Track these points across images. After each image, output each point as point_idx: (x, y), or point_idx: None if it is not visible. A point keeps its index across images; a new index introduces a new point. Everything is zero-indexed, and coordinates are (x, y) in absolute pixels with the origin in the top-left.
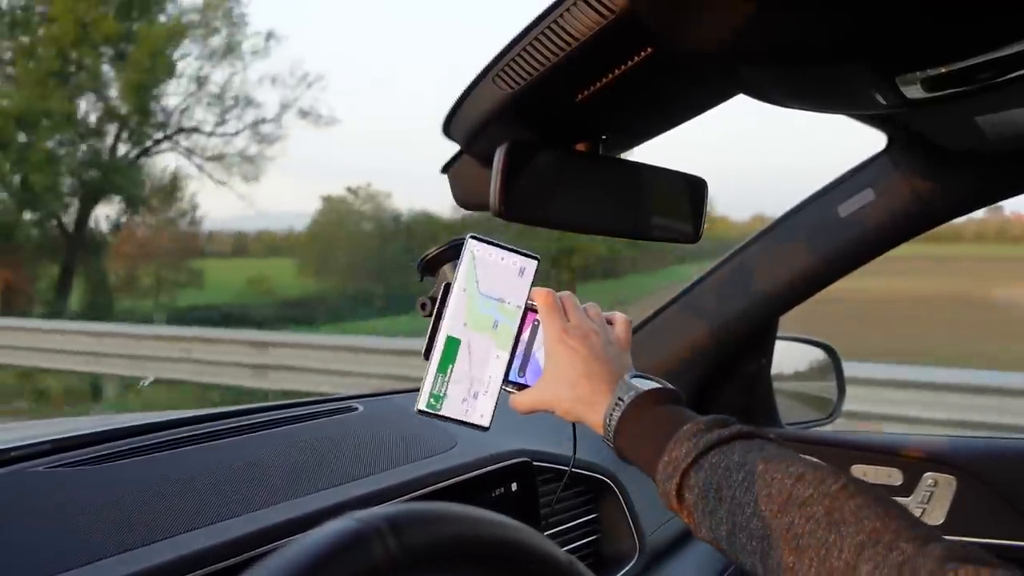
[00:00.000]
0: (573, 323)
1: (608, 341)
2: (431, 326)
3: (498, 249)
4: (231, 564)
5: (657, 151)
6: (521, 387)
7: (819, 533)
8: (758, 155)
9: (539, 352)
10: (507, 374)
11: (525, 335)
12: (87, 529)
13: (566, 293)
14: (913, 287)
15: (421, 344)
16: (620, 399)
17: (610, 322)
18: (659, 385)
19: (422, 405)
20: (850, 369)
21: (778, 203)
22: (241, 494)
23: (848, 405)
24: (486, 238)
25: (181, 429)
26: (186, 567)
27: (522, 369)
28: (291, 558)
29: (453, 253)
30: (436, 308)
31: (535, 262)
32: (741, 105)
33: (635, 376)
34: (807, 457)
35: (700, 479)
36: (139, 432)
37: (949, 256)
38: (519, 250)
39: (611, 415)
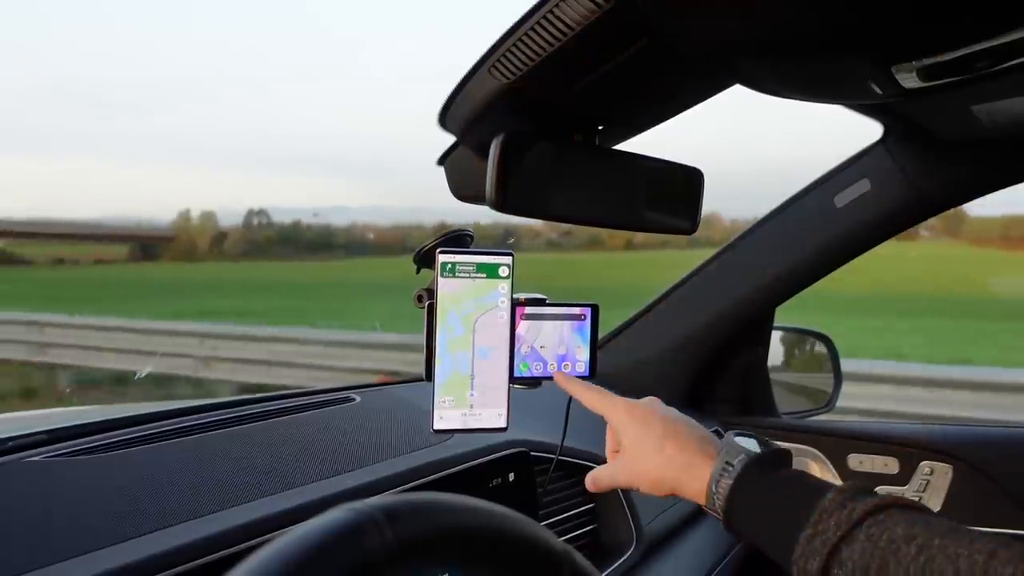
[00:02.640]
0: (630, 398)
1: (669, 408)
2: (426, 347)
3: (470, 255)
4: (227, 554)
5: (653, 142)
6: (528, 381)
7: None
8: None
9: (541, 344)
10: (511, 372)
11: (519, 329)
12: (84, 519)
13: (590, 387)
14: None
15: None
16: (728, 464)
17: None
18: (767, 447)
19: (437, 425)
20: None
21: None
22: (238, 484)
23: None
24: (454, 248)
25: (177, 420)
26: (183, 557)
27: (526, 364)
28: (286, 548)
29: (450, 245)
30: (426, 328)
31: (510, 257)
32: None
33: (738, 435)
34: (985, 530)
35: (855, 553)
36: (135, 422)
37: None
38: (491, 250)
39: (717, 482)
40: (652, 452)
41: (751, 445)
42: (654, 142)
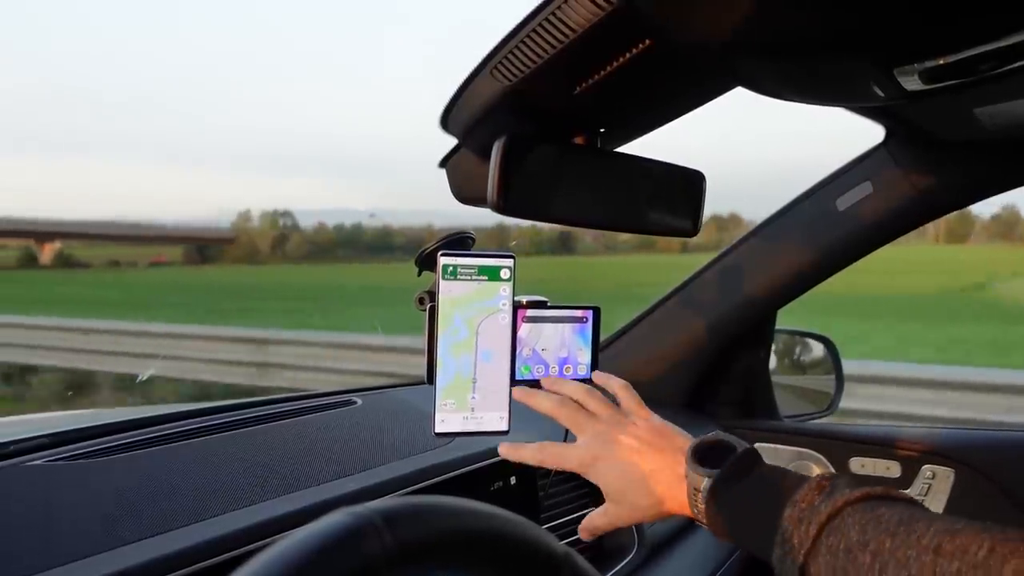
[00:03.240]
0: (587, 432)
1: (632, 422)
2: (427, 350)
3: (471, 258)
4: (227, 558)
5: (656, 144)
6: (530, 384)
7: None
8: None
9: (542, 347)
10: (512, 375)
11: (521, 332)
12: (86, 522)
13: (546, 401)
14: None
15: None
16: (696, 490)
17: (614, 398)
18: (727, 451)
19: (438, 428)
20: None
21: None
22: (238, 488)
23: None
24: (455, 251)
25: (179, 423)
26: (184, 560)
27: (528, 366)
28: (286, 552)
29: (452, 247)
30: (427, 331)
31: (512, 260)
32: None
33: (694, 452)
34: (933, 513)
35: (822, 566)
36: (137, 426)
37: None
38: (492, 252)
39: (695, 507)
40: (641, 494)
41: (714, 460)
42: (657, 144)
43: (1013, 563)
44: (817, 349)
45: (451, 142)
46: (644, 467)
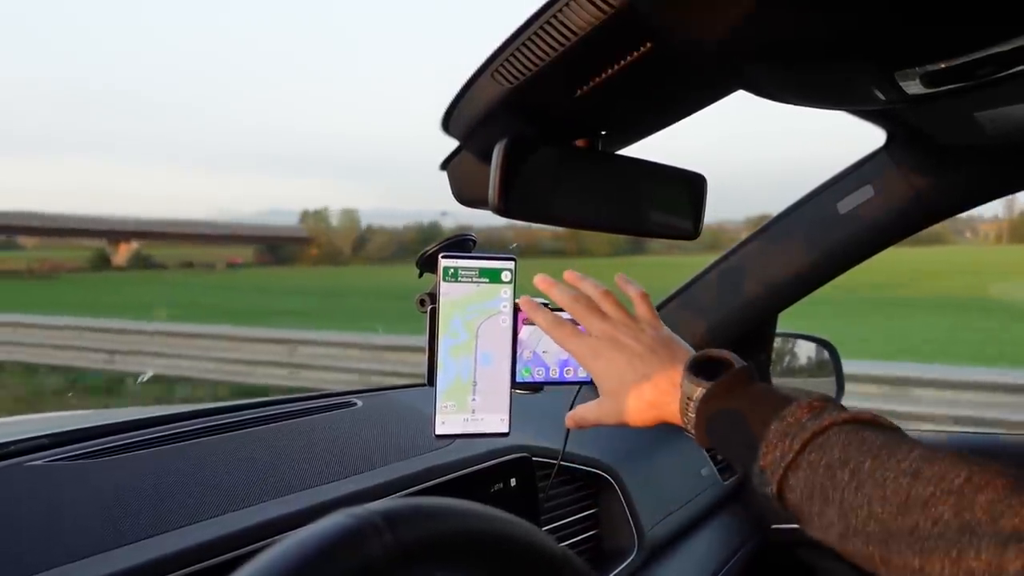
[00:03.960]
0: (596, 330)
1: (641, 329)
2: (427, 351)
3: (473, 260)
4: (227, 559)
5: (658, 147)
6: (530, 386)
7: (949, 535)
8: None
9: (543, 349)
10: (513, 377)
11: (522, 335)
12: (86, 522)
13: (563, 294)
14: None
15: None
16: (688, 399)
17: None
18: (725, 367)
19: (439, 430)
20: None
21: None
22: (239, 489)
23: None
24: (457, 252)
25: (180, 424)
26: (184, 561)
27: (528, 368)
28: (287, 553)
29: (453, 249)
30: (428, 333)
31: (512, 262)
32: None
33: (692, 363)
34: (916, 440)
35: (800, 481)
36: (137, 427)
37: None
38: (494, 255)
39: (685, 414)
40: (633, 396)
41: (711, 372)
42: (658, 146)
43: (988, 493)
44: (818, 352)
45: (452, 144)
46: (643, 371)
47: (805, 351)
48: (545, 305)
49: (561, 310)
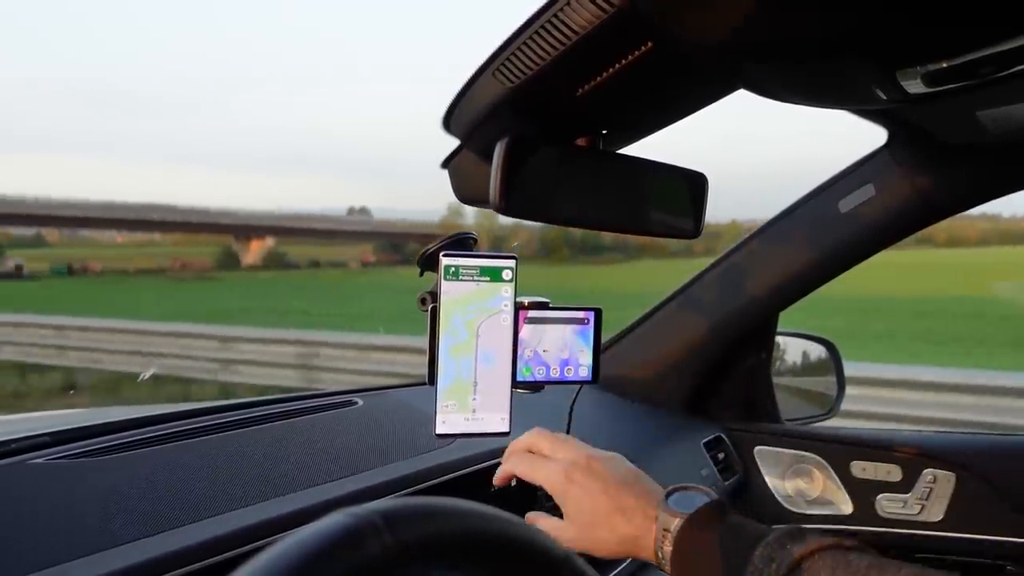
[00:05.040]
0: (569, 455)
1: (613, 459)
2: (428, 351)
3: (474, 259)
4: (227, 558)
5: (659, 146)
6: (531, 386)
7: None
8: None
9: (544, 348)
10: (514, 376)
11: (522, 333)
12: (87, 521)
13: (534, 433)
14: None
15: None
16: (666, 530)
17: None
18: (700, 501)
19: (439, 430)
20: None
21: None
22: (239, 488)
23: None
24: (458, 251)
25: (180, 423)
26: (183, 560)
27: (529, 368)
28: (286, 553)
29: (454, 247)
30: (429, 332)
31: (514, 261)
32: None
33: (668, 495)
34: (901, 563)
35: None
36: (137, 425)
37: None
38: (494, 254)
39: (660, 549)
40: (605, 530)
41: (687, 504)
42: (660, 145)
43: None
44: (819, 352)
45: (453, 143)
46: (618, 501)
47: (806, 350)
48: (544, 305)
49: (566, 308)
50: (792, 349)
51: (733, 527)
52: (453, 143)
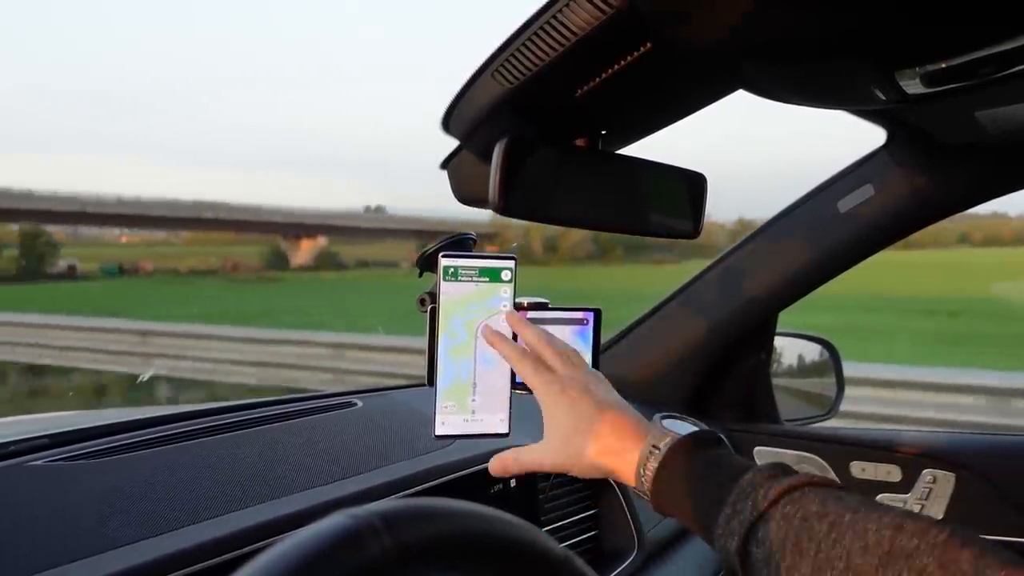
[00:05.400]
0: (566, 374)
1: (608, 386)
2: (427, 352)
3: (472, 259)
4: (226, 560)
5: (659, 146)
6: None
7: None
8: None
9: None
10: (513, 377)
11: None
12: (86, 523)
13: (534, 335)
14: None
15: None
16: (655, 446)
17: None
18: (695, 427)
19: (439, 431)
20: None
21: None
22: (239, 489)
23: None
24: (457, 252)
25: (179, 424)
26: (182, 562)
27: None
28: (285, 555)
29: (453, 248)
30: (428, 333)
31: (513, 261)
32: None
33: (666, 417)
34: (896, 506)
35: (770, 532)
36: (137, 427)
37: None
38: (493, 254)
39: (644, 464)
40: (590, 439)
41: (680, 428)
42: (659, 146)
43: (972, 548)
44: (818, 352)
45: (453, 143)
46: (609, 416)
47: (805, 351)
48: (543, 306)
49: (565, 309)
50: (791, 349)
51: (724, 455)
52: (452, 143)
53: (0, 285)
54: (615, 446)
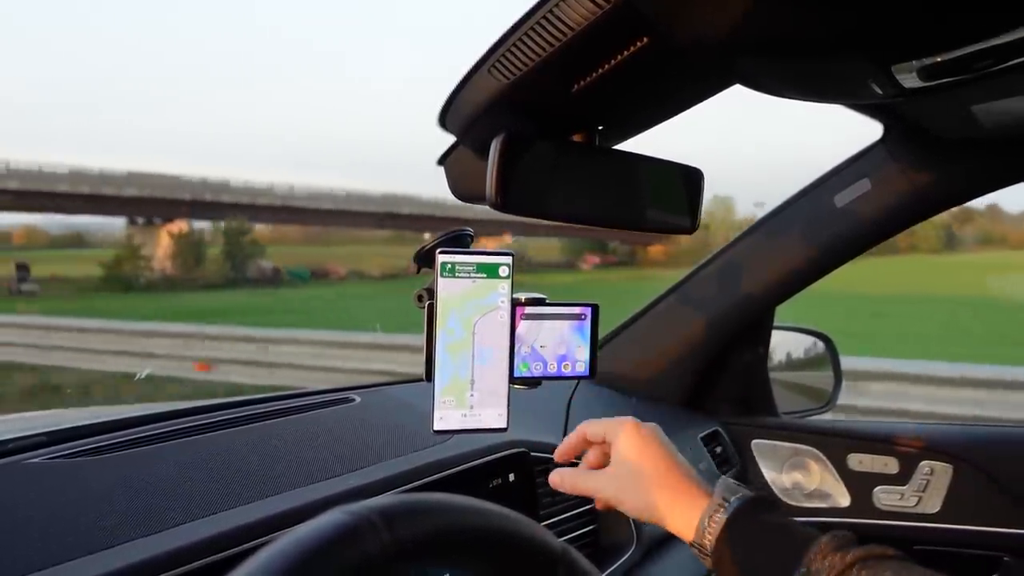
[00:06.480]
0: (647, 431)
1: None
2: (426, 347)
3: (470, 255)
4: (224, 556)
5: (654, 141)
6: (528, 382)
7: None
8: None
9: (541, 344)
10: (511, 372)
11: (519, 330)
12: (84, 520)
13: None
14: None
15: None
16: (725, 500)
17: None
18: (748, 490)
19: (437, 426)
20: None
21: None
22: (237, 485)
23: None
24: (454, 248)
25: (177, 421)
26: (180, 559)
27: (526, 363)
28: (284, 551)
29: (450, 244)
30: (426, 328)
31: (510, 257)
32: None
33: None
34: None
35: None
36: (134, 424)
37: None
38: (490, 251)
39: (710, 517)
40: (654, 487)
41: (737, 491)
42: (656, 141)
43: None
44: (815, 346)
45: (449, 139)
46: (669, 471)
47: (803, 345)
48: (541, 301)
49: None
50: (789, 343)
51: (787, 521)
52: (449, 139)
53: (206, 291)
54: (673, 494)
